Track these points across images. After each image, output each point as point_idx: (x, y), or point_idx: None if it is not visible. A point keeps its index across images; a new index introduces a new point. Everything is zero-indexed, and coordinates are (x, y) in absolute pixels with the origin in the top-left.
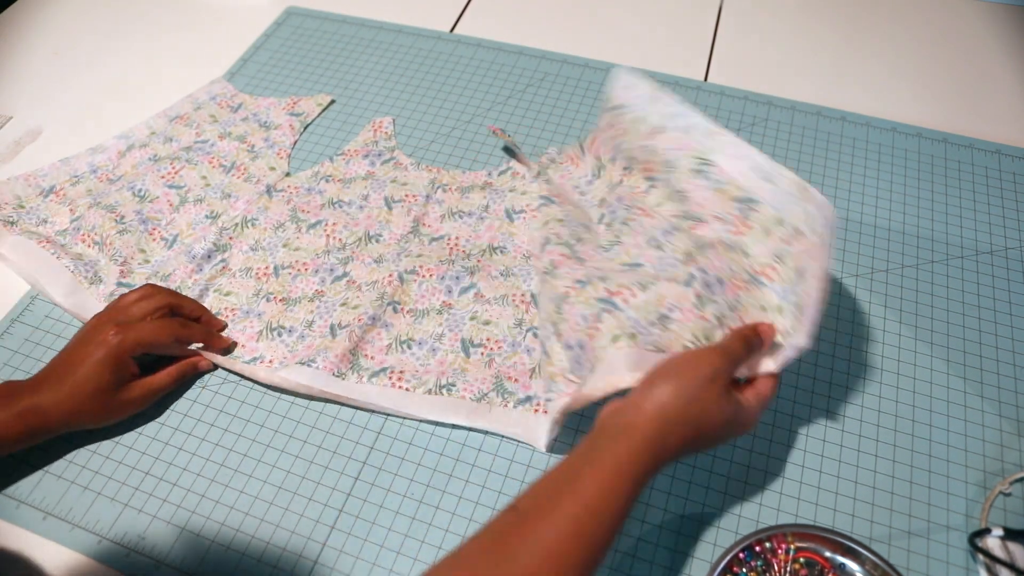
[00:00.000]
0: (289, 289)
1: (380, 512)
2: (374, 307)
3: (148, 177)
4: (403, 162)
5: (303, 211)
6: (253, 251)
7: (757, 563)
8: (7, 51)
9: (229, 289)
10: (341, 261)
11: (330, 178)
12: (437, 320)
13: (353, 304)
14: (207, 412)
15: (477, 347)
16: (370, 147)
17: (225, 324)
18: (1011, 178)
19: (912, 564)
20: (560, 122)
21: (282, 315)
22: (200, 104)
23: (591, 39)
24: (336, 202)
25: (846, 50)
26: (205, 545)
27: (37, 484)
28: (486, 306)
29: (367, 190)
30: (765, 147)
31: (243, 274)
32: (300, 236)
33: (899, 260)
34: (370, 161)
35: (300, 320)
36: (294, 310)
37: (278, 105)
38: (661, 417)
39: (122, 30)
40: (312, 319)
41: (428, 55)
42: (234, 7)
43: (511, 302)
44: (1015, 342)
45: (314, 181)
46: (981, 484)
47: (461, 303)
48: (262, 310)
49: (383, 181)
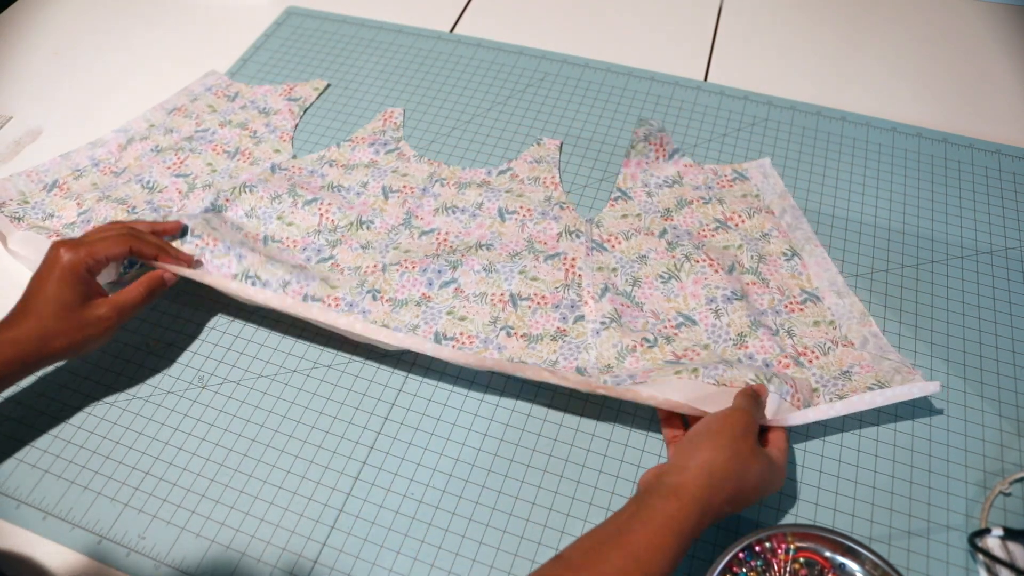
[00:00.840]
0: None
1: (380, 512)
2: (353, 294)
3: (155, 168)
4: (407, 153)
5: (302, 188)
6: (248, 217)
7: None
8: (7, 51)
9: (334, 283)
10: (330, 243)
11: (334, 163)
12: (415, 312)
13: (332, 283)
14: (207, 412)
15: (449, 340)
16: (377, 136)
17: (190, 258)
18: (1011, 178)
19: (912, 564)
20: (560, 122)
21: (261, 267)
22: (196, 96)
23: (591, 39)
24: (335, 186)
25: (846, 50)
26: (205, 545)
27: (37, 484)
28: (464, 302)
29: (367, 177)
30: (765, 147)
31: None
32: (295, 211)
33: (899, 260)
34: (375, 150)
35: (278, 277)
36: (274, 266)
37: (275, 92)
38: (707, 474)
39: (122, 30)
40: (289, 280)
41: (428, 55)
42: (234, 7)
43: (489, 300)
44: (1015, 342)
45: (318, 164)
46: (981, 484)
47: (440, 297)
48: (243, 253)
49: (384, 170)
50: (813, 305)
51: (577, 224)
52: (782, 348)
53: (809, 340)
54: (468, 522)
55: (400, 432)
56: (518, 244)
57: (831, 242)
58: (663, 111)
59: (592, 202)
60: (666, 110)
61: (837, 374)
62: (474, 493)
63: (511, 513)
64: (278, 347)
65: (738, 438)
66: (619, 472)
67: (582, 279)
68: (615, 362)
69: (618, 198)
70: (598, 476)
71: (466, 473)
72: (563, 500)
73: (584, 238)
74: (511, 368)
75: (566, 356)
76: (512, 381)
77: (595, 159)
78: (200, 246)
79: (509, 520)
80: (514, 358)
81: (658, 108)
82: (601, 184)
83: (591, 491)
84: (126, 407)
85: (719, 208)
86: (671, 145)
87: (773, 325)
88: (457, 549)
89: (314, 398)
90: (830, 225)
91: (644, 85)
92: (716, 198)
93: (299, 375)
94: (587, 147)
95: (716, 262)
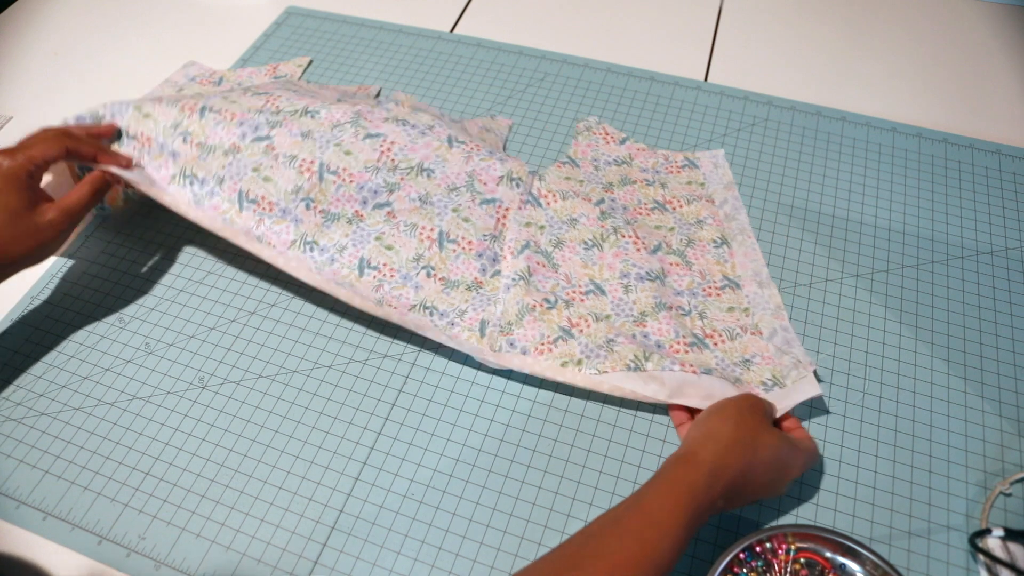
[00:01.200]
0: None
1: (380, 512)
2: (287, 199)
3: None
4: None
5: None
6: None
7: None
8: (7, 51)
9: (269, 174)
10: (269, 123)
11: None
12: (345, 230)
13: (265, 175)
14: (207, 412)
15: (372, 269)
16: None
17: (129, 159)
18: (1011, 178)
19: (912, 564)
20: (560, 122)
21: (195, 163)
22: (181, 86)
23: (591, 39)
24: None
25: (846, 50)
26: (205, 545)
27: (37, 484)
28: (395, 230)
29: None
30: (765, 147)
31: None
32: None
33: (899, 260)
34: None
35: (212, 173)
36: (207, 159)
37: (259, 72)
38: (714, 440)
39: (122, 30)
40: (223, 176)
41: (428, 55)
42: (234, 7)
43: (417, 234)
44: (1015, 342)
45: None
46: (981, 484)
47: (372, 219)
48: (176, 150)
49: (347, 91)
50: (731, 292)
51: (520, 172)
52: (678, 333)
53: (719, 324)
54: (469, 523)
55: (400, 432)
56: (459, 177)
57: (831, 242)
58: (663, 111)
59: None
60: (666, 110)
61: (738, 360)
62: (475, 494)
63: (512, 514)
64: (278, 347)
65: (744, 411)
66: (619, 473)
67: (507, 233)
68: (515, 320)
69: (566, 163)
70: (598, 477)
71: (467, 474)
72: (563, 501)
73: (522, 188)
74: (412, 323)
75: (475, 307)
76: (513, 381)
77: None
78: (137, 148)
79: (510, 521)
80: (427, 301)
81: (658, 108)
82: None
83: (591, 491)
84: (126, 407)
85: (660, 191)
86: (620, 134)
87: (687, 306)
88: (458, 550)
89: (314, 398)
90: (830, 225)
91: (644, 85)
92: (660, 182)
93: (299, 375)
94: None
95: (642, 241)
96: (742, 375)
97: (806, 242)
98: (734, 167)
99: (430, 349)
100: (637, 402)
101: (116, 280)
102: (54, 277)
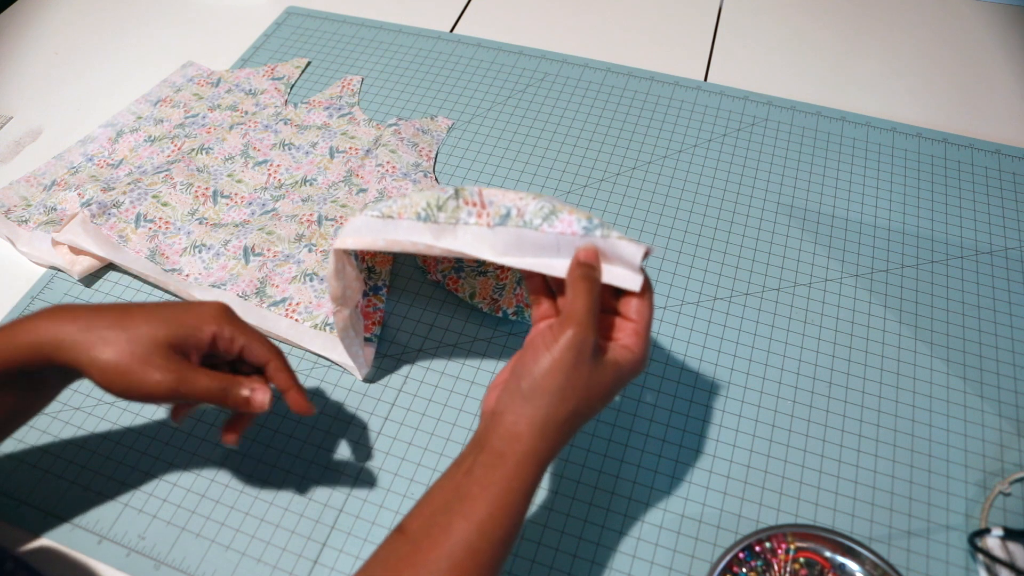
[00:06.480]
0: (221, 217)
1: (380, 512)
2: (291, 247)
3: (154, 160)
4: (357, 118)
5: (255, 148)
6: (199, 172)
7: (757, 563)
8: (7, 51)
9: (167, 200)
10: (274, 198)
11: (288, 121)
12: (231, 231)
13: (268, 230)
14: (207, 412)
15: (257, 256)
16: (333, 100)
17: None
18: (1011, 178)
19: (912, 564)
20: (560, 122)
21: (207, 235)
22: (180, 86)
23: (591, 39)
24: (287, 144)
25: (846, 50)
26: (205, 545)
27: (37, 484)
28: (276, 221)
29: (318, 139)
30: (765, 147)
31: (183, 188)
32: (245, 171)
33: (899, 260)
34: (329, 113)
35: (219, 239)
36: (218, 232)
37: (257, 73)
38: (540, 428)
39: (122, 30)
40: (229, 239)
41: (428, 55)
42: (234, 7)
43: (298, 220)
44: (1015, 342)
45: (273, 120)
46: (981, 484)
47: (259, 221)
48: (191, 230)
49: (334, 132)
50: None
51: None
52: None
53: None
54: None
55: (400, 432)
56: (338, 176)
57: (831, 242)
58: (663, 111)
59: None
60: (666, 110)
61: (545, 213)
62: None
63: None
64: None
65: (570, 372)
66: (620, 473)
67: None
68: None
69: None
70: (598, 476)
71: None
72: (564, 501)
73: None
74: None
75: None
76: None
77: (595, 159)
78: (153, 229)
79: None
80: (308, 271)
81: (658, 108)
82: (601, 184)
83: (592, 491)
84: (127, 407)
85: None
86: None
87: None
88: None
89: (314, 397)
90: (830, 225)
91: (644, 85)
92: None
93: (299, 375)
94: (587, 147)
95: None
96: (557, 210)
97: (806, 242)
98: (734, 167)
99: (430, 349)
100: (635, 402)
101: (116, 280)
102: (54, 277)
